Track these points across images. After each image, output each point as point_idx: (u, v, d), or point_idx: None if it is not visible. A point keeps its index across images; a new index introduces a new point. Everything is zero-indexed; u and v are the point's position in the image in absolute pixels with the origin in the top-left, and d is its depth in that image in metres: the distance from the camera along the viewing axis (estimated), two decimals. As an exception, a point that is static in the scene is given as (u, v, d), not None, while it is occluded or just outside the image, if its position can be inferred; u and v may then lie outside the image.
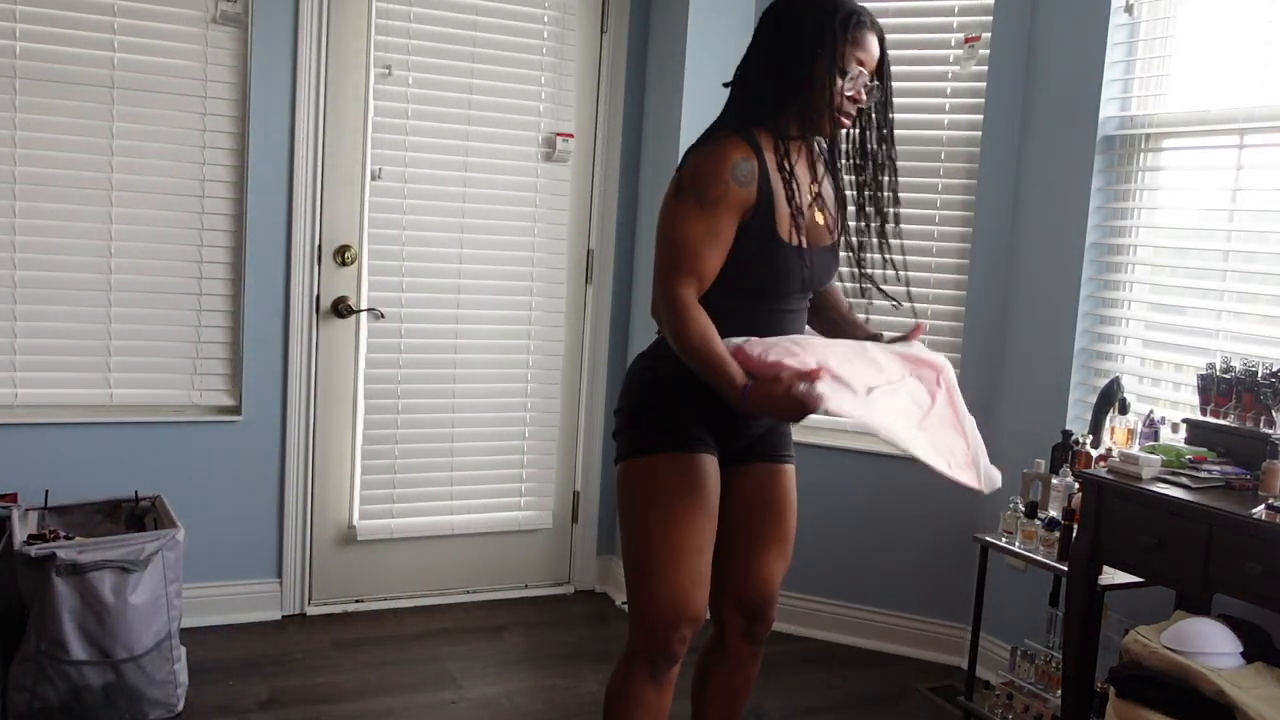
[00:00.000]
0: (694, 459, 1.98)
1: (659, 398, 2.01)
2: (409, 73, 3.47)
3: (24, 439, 3.14)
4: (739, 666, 2.20)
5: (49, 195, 3.13)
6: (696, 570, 1.97)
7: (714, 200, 1.89)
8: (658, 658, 2.01)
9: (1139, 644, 2.31)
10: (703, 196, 1.90)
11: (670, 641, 1.99)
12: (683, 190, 1.93)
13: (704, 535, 1.99)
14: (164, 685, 2.75)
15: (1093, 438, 2.82)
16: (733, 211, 1.91)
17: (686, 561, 1.96)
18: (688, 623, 1.99)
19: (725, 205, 1.89)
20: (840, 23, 1.94)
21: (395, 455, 3.61)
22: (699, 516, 1.97)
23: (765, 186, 1.93)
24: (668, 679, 2.03)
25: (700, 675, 2.24)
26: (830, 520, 3.60)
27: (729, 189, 1.89)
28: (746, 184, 1.91)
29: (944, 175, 3.43)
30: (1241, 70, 2.77)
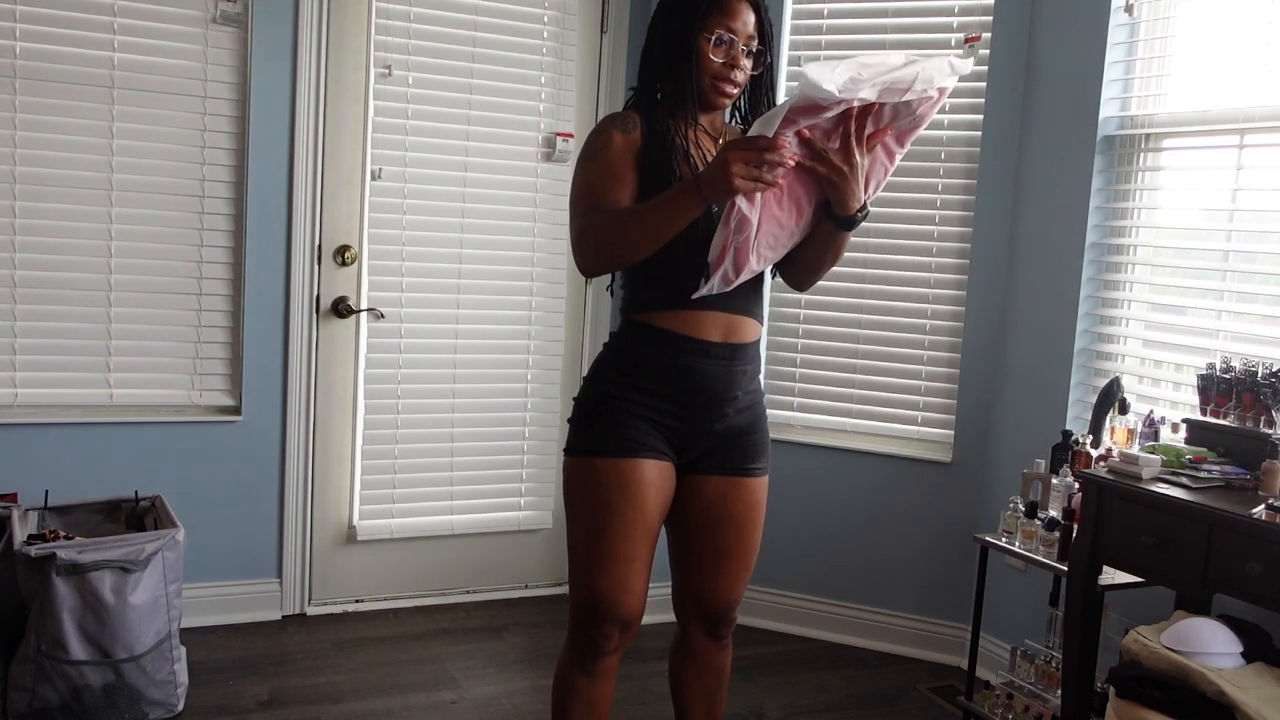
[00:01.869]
0: (632, 466, 1.99)
1: (605, 396, 2.02)
2: (409, 73, 3.47)
3: (24, 439, 3.14)
4: (709, 663, 2.24)
5: (49, 195, 3.13)
6: (624, 577, 2.00)
7: (602, 148, 1.97)
8: (585, 650, 2.06)
9: (1139, 644, 2.31)
10: (592, 153, 1.98)
11: (595, 638, 2.04)
12: (578, 162, 2.01)
13: (634, 543, 2.00)
14: (164, 685, 2.75)
15: (1093, 438, 2.82)
16: (624, 154, 1.96)
17: (614, 568, 2.00)
18: (612, 623, 2.03)
19: (614, 150, 1.96)
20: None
21: (395, 455, 3.61)
22: (630, 525, 1.99)
23: (654, 136, 1.97)
24: (600, 669, 2.07)
25: (674, 676, 2.28)
26: (830, 520, 3.60)
27: (613, 137, 1.97)
28: (630, 131, 1.97)
29: (944, 175, 3.43)
30: (1241, 70, 2.77)
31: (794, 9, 3.56)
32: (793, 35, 3.57)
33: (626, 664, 3.26)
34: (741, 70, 2.01)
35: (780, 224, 1.89)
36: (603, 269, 1.98)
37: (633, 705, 3.05)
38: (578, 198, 1.98)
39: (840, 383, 3.60)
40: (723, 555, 2.12)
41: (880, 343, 3.54)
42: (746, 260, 1.85)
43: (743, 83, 2.03)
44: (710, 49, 1.98)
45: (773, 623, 3.68)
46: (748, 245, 1.84)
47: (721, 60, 1.99)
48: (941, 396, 3.48)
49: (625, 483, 1.99)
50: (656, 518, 2.04)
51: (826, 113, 1.77)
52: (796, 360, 3.64)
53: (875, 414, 3.56)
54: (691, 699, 2.26)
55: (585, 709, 2.09)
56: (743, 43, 2.00)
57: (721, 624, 2.20)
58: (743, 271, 1.87)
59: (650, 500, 2.01)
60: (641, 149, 1.97)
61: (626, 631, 2.06)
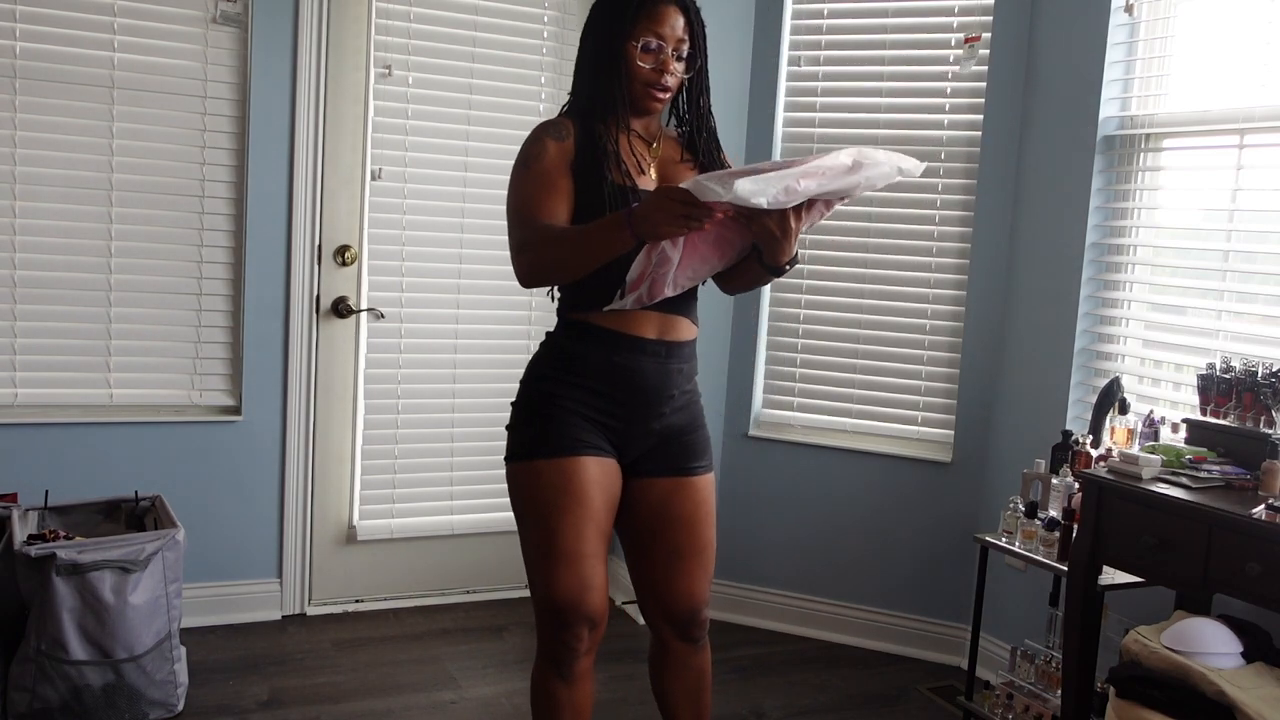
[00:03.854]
0: (574, 465, 1.99)
1: (544, 395, 2.03)
2: (409, 73, 3.47)
3: (24, 439, 3.14)
4: (688, 663, 2.21)
5: (49, 195, 3.13)
6: (583, 574, 1.99)
7: (536, 156, 2.00)
8: (558, 655, 2.04)
9: (1139, 644, 2.31)
10: (527, 161, 2.01)
11: (566, 641, 2.02)
12: (514, 170, 2.03)
13: (587, 540, 2.00)
14: (164, 685, 2.75)
15: (1093, 438, 2.82)
16: (558, 163, 1.99)
17: (572, 569, 1.98)
18: (580, 623, 2.01)
19: (548, 158, 1.99)
20: (630, 4, 2.02)
21: (395, 455, 3.61)
22: (581, 523, 1.99)
23: (587, 142, 2.00)
24: (575, 674, 2.06)
25: (655, 681, 2.26)
26: (830, 520, 3.60)
27: (546, 145, 2.00)
28: (563, 138, 2.01)
29: (944, 175, 3.43)
30: (1241, 70, 2.77)
31: (794, 9, 3.56)
32: (793, 35, 3.57)
33: (626, 664, 3.27)
34: (672, 75, 2.04)
35: (703, 259, 1.92)
36: (540, 284, 2.02)
37: (632, 705, 3.05)
38: (515, 208, 2.00)
39: (840, 383, 3.60)
40: (678, 556, 2.11)
41: (880, 343, 3.54)
42: (661, 291, 1.89)
43: (674, 86, 2.06)
44: (639, 55, 2.01)
45: (773, 623, 3.68)
46: (664, 279, 1.87)
47: (650, 66, 2.02)
48: (941, 396, 3.48)
49: (569, 482, 1.98)
50: (605, 514, 2.04)
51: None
52: (796, 360, 3.64)
53: (875, 414, 3.57)
54: (677, 704, 2.24)
55: (569, 714, 2.08)
56: (672, 47, 2.02)
57: (691, 626, 2.18)
58: (657, 298, 1.91)
59: (596, 497, 2.01)
60: (575, 156, 2.00)
61: (595, 630, 2.05)
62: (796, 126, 3.60)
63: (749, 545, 3.70)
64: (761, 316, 3.65)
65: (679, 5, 2.05)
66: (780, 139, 3.60)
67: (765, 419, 3.70)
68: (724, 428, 3.69)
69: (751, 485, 3.68)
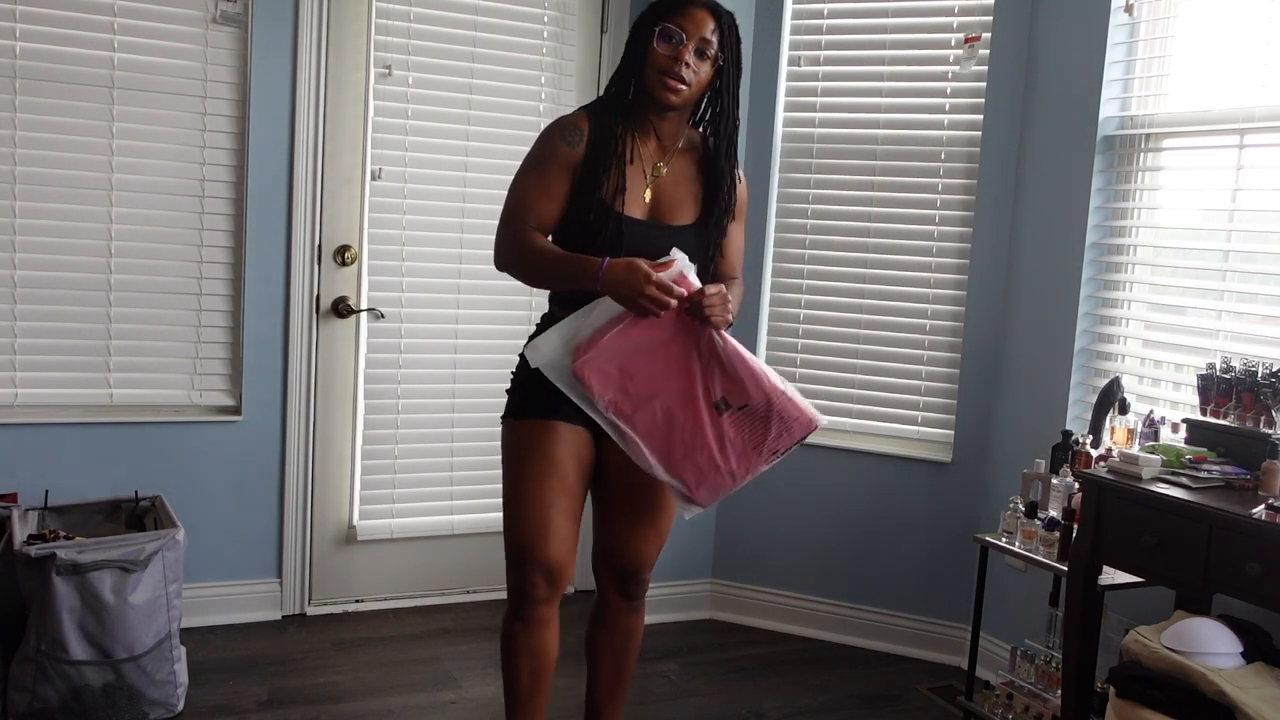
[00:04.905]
0: (545, 425, 2.17)
1: (527, 373, 2.19)
2: (409, 73, 3.47)
3: (24, 439, 3.14)
4: (619, 620, 2.39)
5: (49, 195, 3.13)
6: (542, 524, 2.15)
7: (543, 159, 2.16)
8: (518, 598, 2.20)
9: (1139, 644, 2.31)
10: (536, 158, 2.18)
11: (523, 584, 2.17)
12: (523, 161, 2.20)
13: (551, 493, 2.16)
14: (164, 685, 2.75)
15: (1093, 438, 2.82)
16: (563, 169, 2.15)
17: (531, 514, 2.15)
18: (536, 568, 2.16)
19: (553, 163, 2.15)
20: (662, 3, 2.13)
21: (395, 455, 3.61)
22: (546, 477, 2.16)
23: (596, 149, 2.13)
24: (534, 619, 2.19)
25: (588, 635, 2.44)
26: (830, 520, 3.60)
27: (556, 149, 2.15)
28: (574, 145, 2.14)
29: (944, 175, 3.43)
30: (1241, 70, 2.77)
31: (794, 9, 3.56)
32: (793, 35, 3.57)
33: (626, 664, 3.27)
34: (689, 68, 2.10)
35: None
36: (509, 275, 2.22)
37: (632, 705, 3.05)
38: (511, 199, 2.18)
39: (840, 383, 3.60)
40: (636, 517, 2.28)
41: (880, 343, 3.54)
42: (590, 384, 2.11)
43: (691, 82, 2.12)
44: (656, 41, 2.10)
45: (773, 623, 3.68)
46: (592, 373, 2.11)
47: (666, 54, 2.10)
48: (941, 396, 3.48)
49: (538, 439, 2.17)
50: (572, 471, 2.19)
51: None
52: (796, 360, 3.64)
53: (875, 414, 3.56)
54: (600, 657, 2.41)
55: (525, 658, 2.21)
56: (694, 43, 2.10)
57: (632, 583, 2.35)
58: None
59: (562, 455, 2.18)
60: (581, 161, 2.14)
61: (553, 581, 2.18)
62: (796, 127, 3.60)
63: (749, 545, 3.70)
64: (761, 316, 3.65)
65: (709, 9, 2.12)
66: (780, 139, 3.60)
67: (765, 419, 3.69)
68: (724, 428, 3.68)
69: (751, 485, 3.65)
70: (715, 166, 2.23)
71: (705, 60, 2.12)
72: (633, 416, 2.11)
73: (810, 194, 3.60)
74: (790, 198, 3.62)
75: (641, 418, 2.12)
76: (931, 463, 3.47)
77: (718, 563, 3.75)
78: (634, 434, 2.11)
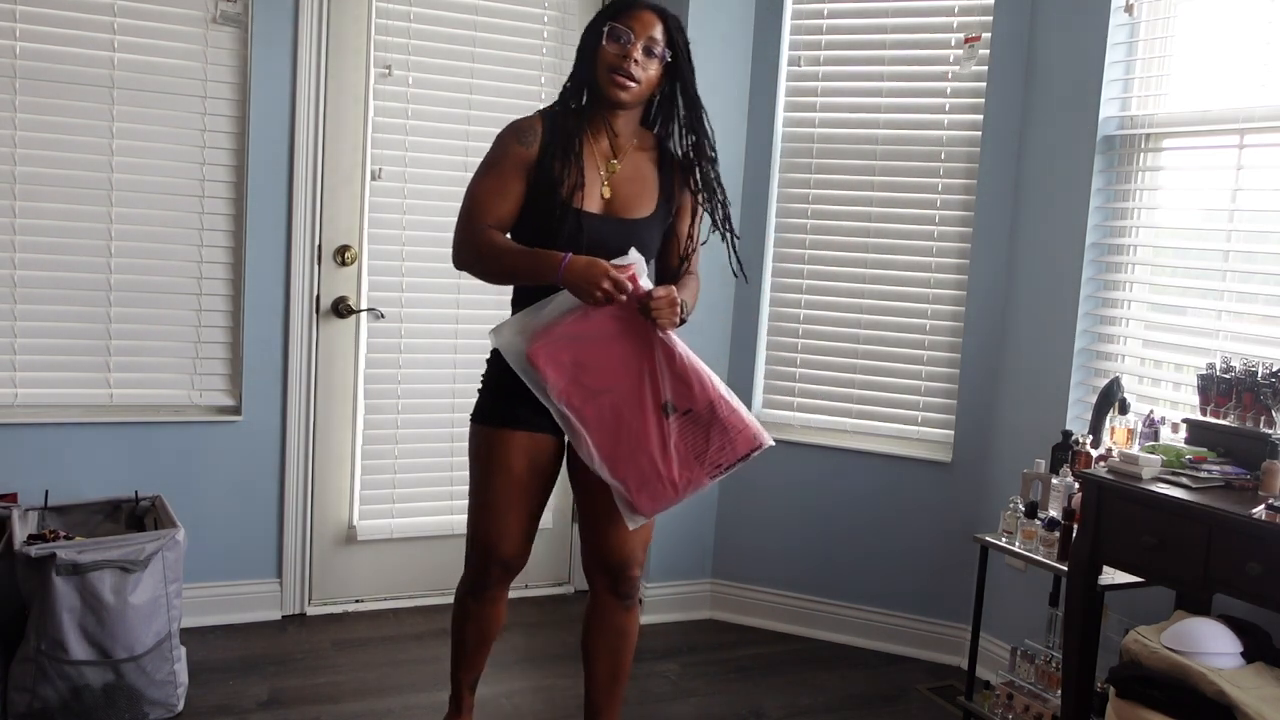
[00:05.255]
0: (502, 436, 2.30)
1: (495, 374, 2.33)
2: (409, 73, 3.47)
3: (24, 439, 3.14)
4: (613, 620, 2.47)
5: (49, 195, 3.13)
6: (499, 527, 2.34)
7: (497, 160, 2.27)
8: (475, 580, 2.44)
9: (1139, 644, 2.31)
10: (492, 160, 2.29)
11: (481, 573, 2.42)
12: (480, 164, 2.31)
13: (508, 499, 2.32)
14: (164, 685, 2.75)
15: (1093, 438, 2.82)
16: (517, 169, 2.25)
17: (491, 519, 2.34)
18: (494, 564, 2.38)
19: (508, 163, 2.26)
20: (610, 7, 2.26)
21: (395, 455, 3.61)
22: (503, 482, 2.31)
23: (551, 149, 2.23)
24: (485, 596, 2.45)
25: (584, 637, 2.52)
26: (830, 520, 3.60)
27: (511, 149, 2.26)
28: (528, 145, 2.24)
29: (944, 175, 3.43)
30: (1241, 70, 2.77)
31: (794, 9, 3.56)
32: (793, 35, 3.57)
33: (626, 664, 3.28)
34: (638, 65, 2.21)
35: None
36: (467, 273, 2.34)
37: (632, 705, 3.05)
38: (467, 200, 2.30)
39: (840, 383, 3.60)
40: (616, 513, 2.30)
41: (880, 343, 3.54)
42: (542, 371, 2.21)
43: (641, 79, 2.22)
44: (605, 40, 2.21)
45: (773, 623, 3.68)
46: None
47: (615, 52, 2.20)
48: (941, 396, 3.48)
49: (496, 450, 2.31)
50: (529, 479, 2.33)
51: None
52: (796, 360, 3.64)
53: (875, 414, 3.56)
54: (597, 658, 2.50)
55: (474, 627, 2.49)
56: (642, 41, 2.20)
57: (623, 581, 2.43)
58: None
59: (519, 465, 2.31)
60: (536, 161, 2.24)
61: (509, 571, 2.41)
62: (796, 126, 3.60)
63: (749, 545, 3.70)
64: (761, 316, 3.65)
65: (654, 10, 2.24)
66: (780, 139, 3.60)
67: (765, 419, 3.70)
68: (724, 428, 3.68)
69: (751, 485, 3.68)
70: (670, 161, 2.34)
71: (653, 59, 2.22)
72: (583, 409, 2.20)
73: (810, 194, 3.60)
74: (790, 198, 3.62)
75: (591, 411, 2.20)
76: (931, 463, 3.47)
77: (718, 563, 3.75)
78: (582, 427, 2.20)
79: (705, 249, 3.79)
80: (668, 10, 2.26)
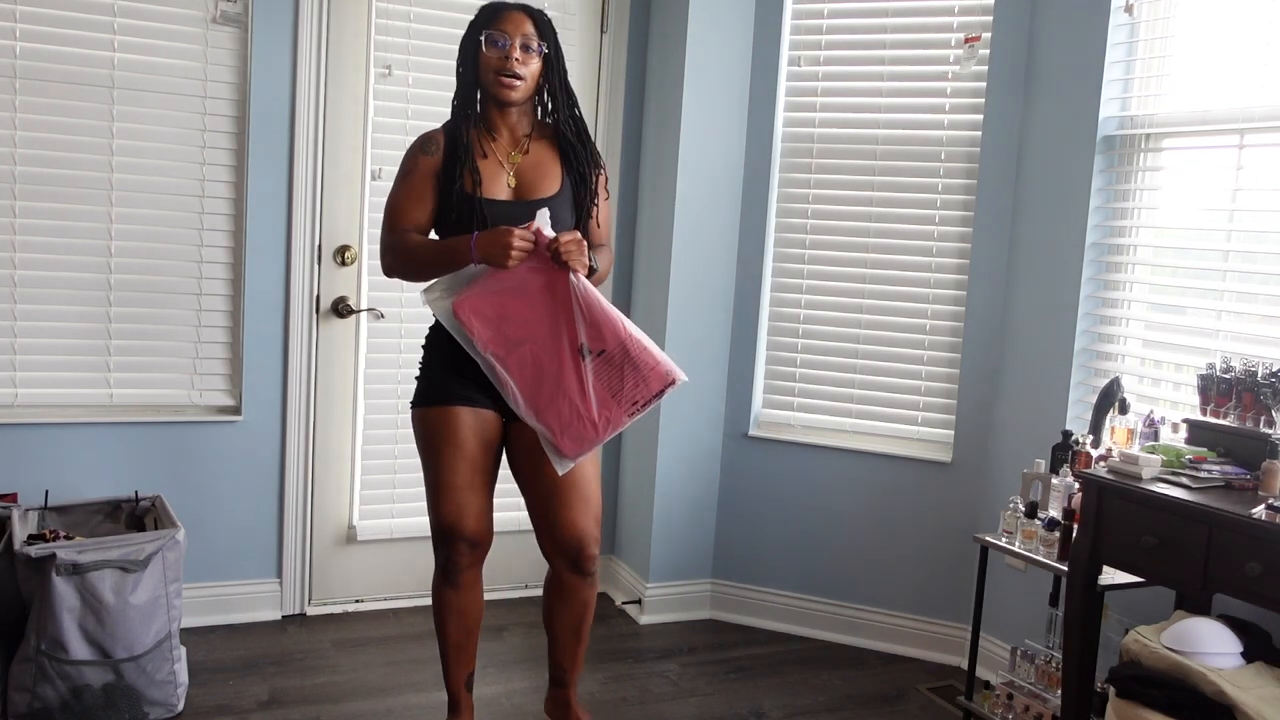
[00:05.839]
0: (449, 412, 2.44)
1: (431, 359, 2.50)
2: (409, 73, 3.47)
3: (24, 439, 3.14)
4: (574, 594, 2.59)
5: (49, 195, 3.13)
6: (459, 503, 2.43)
7: (408, 172, 2.47)
8: (446, 567, 2.50)
9: (1139, 644, 2.31)
10: (403, 172, 2.48)
11: (448, 555, 2.48)
12: (395, 177, 2.50)
13: (460, 474, 2.43)
14: (164, 685, 2.75)
15: (1093, 438, 2.82)
16: (426, 176, 2.45)
17: (449, 496, 2.43)
18: (460, 542, 2.45)
19: (417, 173, 2.45)
20: (480, 17, 2.47)
21: (395, 455, 3.61)
22: (456, 459, 2.43)
23: (453, 153, 2.43)
24: (460, 582, 2.51)
25: (546, 606, 2.67)
26: (830, 520, 3.60)
27: (418, 160, 2.46)
28: (432, 154, 2.45)
29: (944, 175, 3.43)
30: (1241, 70, 2.77)
31: (794, 9, 3.56)
32: (793, 35, 3.57)
33: (626, 664, 3.28)
34: (520, 63, 2.41)
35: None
36: (397, 277, 2.50)
37: (632, 705, 3.05)
38: (386, 214, 2.48)
39: (840, 383, 3.60)
40: (562, 493, 2.47)
41: (880, 343, 3.54)
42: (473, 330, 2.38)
43: (525, 76, 2.43)
44: (485, 48, 2.42)
45: (773, 623, 3.68)
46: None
47: (497, 56, 2.41)
48: (941, 396, 3.48)
49: (444, 427, 2.44)
50: (479, 453, 2.46)
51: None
52: (796, 360, 3.64)
53: (875, 414, 3.56)
54: (560, 626, 2.65)
55: (456, 617, 2.55)
56: (519, 40, 2.41)
57: (580, 558, 2.52)
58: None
59: (468, 440, 2.44)
60: (441, 166, 2.44)
61: (475, 548, 2.48)
62: (796, 126, 3.60)
63: (749, 545, 3.70)
64: (761, 316, 3.65)
65: (523, 10, 2.45)
66: (780, 139, 3.60)
67: (765, 419, 3.70)
68: (724, 428, 3.69)
69: (751, 485, 3.68)
70: (568, 144, 2.52)
71: (532, 54, 2.43)
72: (506, 358, 2.36)
73: (810, 194, 3.60)
74: (790, 198, 3.62)
75: (514, 360, 2.36)
76: (931, 463, 3.47)
77: (718, 563, 3.75)
78: (506, 375, 2.36)
79: (706, 248, 3.80)
80: (532, 7, 2.48)
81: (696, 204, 3.57)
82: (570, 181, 2.51)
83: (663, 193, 3.61)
